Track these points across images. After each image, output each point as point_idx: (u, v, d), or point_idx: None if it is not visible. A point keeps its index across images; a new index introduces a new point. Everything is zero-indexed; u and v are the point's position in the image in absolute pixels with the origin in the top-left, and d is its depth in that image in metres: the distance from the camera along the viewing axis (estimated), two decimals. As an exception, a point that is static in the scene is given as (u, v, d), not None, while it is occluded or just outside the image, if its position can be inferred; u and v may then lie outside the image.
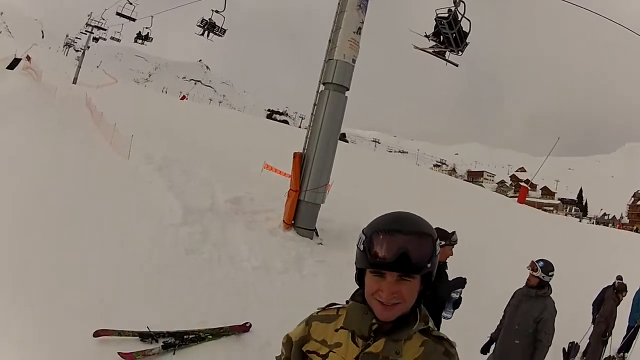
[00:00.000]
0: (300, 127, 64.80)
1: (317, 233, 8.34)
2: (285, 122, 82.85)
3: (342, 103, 8.60)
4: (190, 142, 13.47)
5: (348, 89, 8.63)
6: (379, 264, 1.20)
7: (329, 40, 8.83)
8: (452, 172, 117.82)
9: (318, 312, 1.46)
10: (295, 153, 8.51)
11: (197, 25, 16.65)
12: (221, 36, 17.00)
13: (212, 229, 7.30)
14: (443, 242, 3.66)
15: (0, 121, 10.68)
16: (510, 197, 53.72)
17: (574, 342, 7.34)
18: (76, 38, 48.93)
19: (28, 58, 28.97)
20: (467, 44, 9.50)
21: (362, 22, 8.71)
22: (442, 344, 1.28)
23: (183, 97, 61.94)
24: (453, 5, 9.26)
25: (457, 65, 9.85)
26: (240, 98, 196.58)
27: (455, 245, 3.95)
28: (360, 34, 8.66)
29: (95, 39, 39.72)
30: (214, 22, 16.71)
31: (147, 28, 26.50)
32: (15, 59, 28.69)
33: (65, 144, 10.13)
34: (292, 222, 8.19)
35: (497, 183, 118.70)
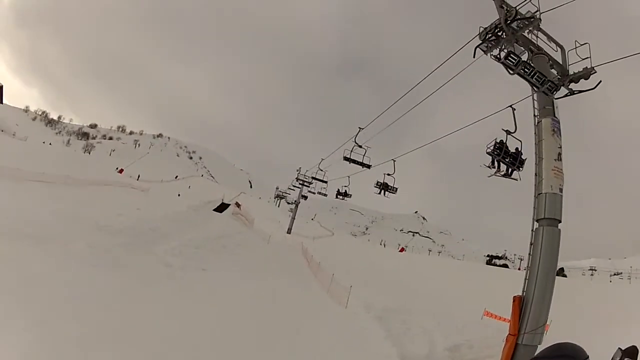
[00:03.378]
0: (519, 269, 58.62)
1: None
2: (505, 265, 79.13)
3: (557, 238, 7.93)
4: (411, 292, 13.80)
5: (560, 221, 7.98)
6: None
7: (535, 174, 8.65)
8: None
9: None
10: (514, 297, 8.04)
11: (374, 187, 19.04)
12: (394, 193, 19.00)
13: (427, 378, 7.13)
14: None
15: (215, 257, 12.97)
16: None
17: None
18: (289, 189, 55.28)
19: (237, 205, 34.29)
20: (523, 161, 9.71)
21: (560, 147, 8.38)
22: None
23: (402, 249, 65.02)
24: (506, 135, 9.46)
25: (517, 180, 9.91)
26: (459, 246, 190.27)
27: None
28: (561, 159, 8.31)
29: (304, 197, 44.56)
30: (387, 183, 19.17)
31: (345, 186, 28.91)
32: (223, 203, 34.31)
33: (283, 286, 11.66)
34: (509, 366, 7.36)
35: None
